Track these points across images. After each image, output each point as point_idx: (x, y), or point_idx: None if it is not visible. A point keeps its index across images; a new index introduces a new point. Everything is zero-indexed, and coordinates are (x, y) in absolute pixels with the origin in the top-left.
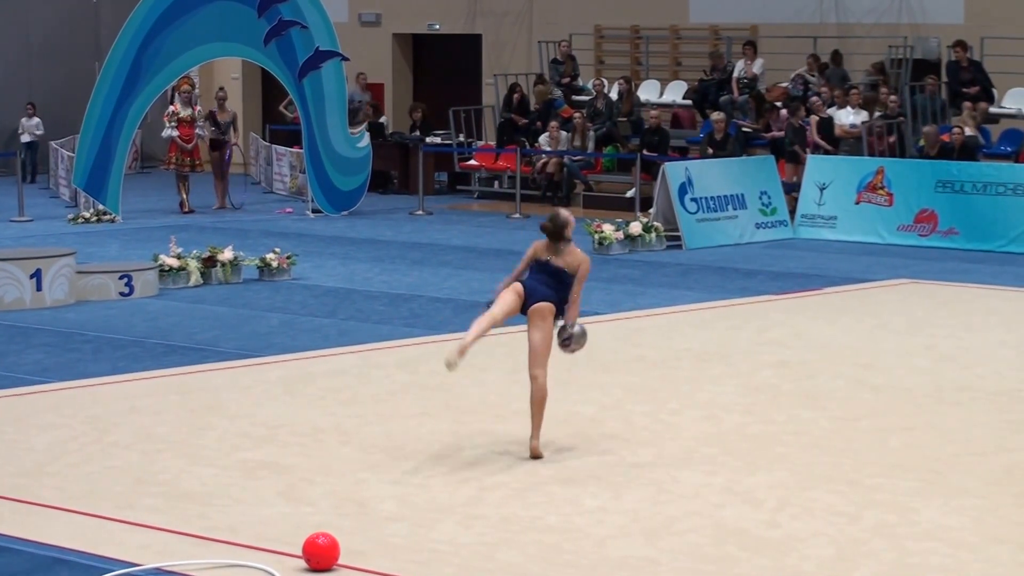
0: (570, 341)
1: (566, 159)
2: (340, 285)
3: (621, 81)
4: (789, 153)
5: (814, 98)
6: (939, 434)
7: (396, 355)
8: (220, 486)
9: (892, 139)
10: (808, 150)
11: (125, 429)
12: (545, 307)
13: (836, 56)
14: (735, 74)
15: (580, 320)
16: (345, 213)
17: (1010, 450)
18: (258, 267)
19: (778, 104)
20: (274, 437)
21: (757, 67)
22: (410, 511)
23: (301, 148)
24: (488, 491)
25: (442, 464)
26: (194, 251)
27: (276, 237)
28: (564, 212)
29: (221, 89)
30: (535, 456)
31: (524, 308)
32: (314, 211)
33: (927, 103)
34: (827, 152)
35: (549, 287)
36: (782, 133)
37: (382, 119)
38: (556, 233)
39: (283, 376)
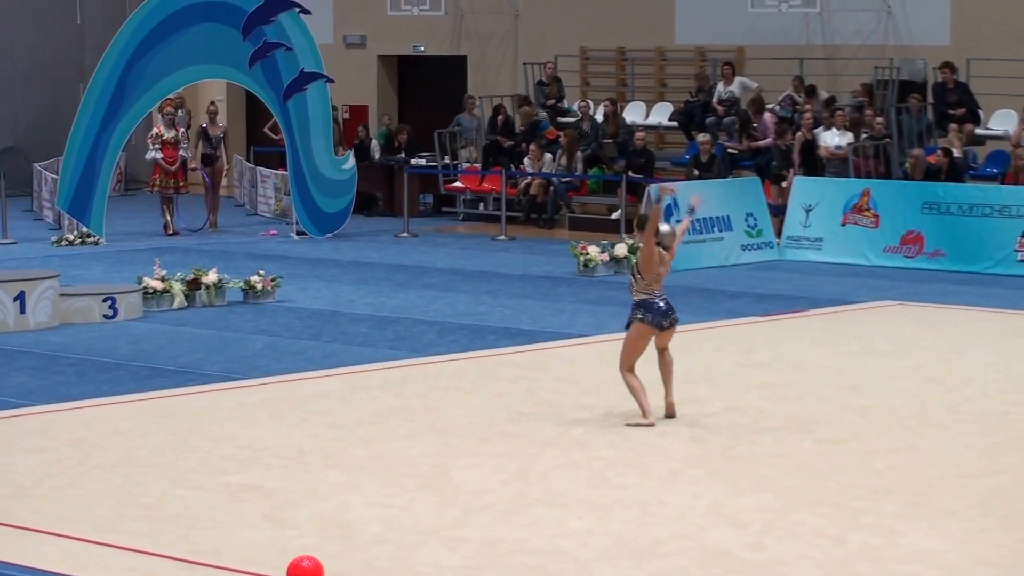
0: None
1: (553, 181)
2: (325, 307)
3: (607, 103)
4: (774, 175)
5: (807, 115)
6: (925, 457)
7: (381, 377)
8: (204, 509)
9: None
10: (793, 170)
11: (109, 452)
12: None
13: (811, 90)
14: (714, 98)
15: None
16: (330, 235)
17: (996, 473)
18: (242, 289)
19: (769, 106)
20: (258, 460)
21: (736, 87)
22: (395, 534)
23: (286, 170)
24: (473, 513)
25: (427, 486)
26: (178, 273)
27: (260, 259)
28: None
29: (212, 103)
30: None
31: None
32: (299, 233)
33: (913, 124)
34: (806, 174)
35: None
36: (768, 141)
37: (373, 143)
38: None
39: (267, 399)
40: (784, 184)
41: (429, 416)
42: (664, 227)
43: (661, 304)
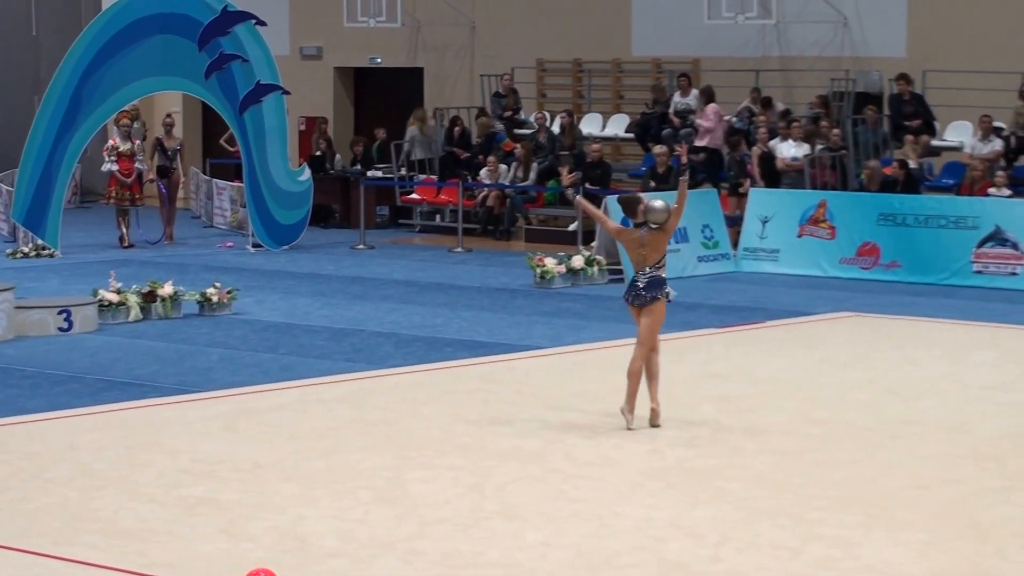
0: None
1: (509, 193)
2: (281, 320)
3: (563, 114)
4: (731, 186)
5: (761, 130)
6: (883, 468)
7: (337, 390)
8: (160, 522)
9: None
10: (749, 182)
11: (63, 465)
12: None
13: (767, 101)
14: (671, 109)
15: None
16: (286, 247)
17: (954, 483)
18: (198, 302)
19: (725, 117)
20: (214, 473)
21: (692, 99)
22: (351, 547)
23: (242, 182)
24: (430, 526)
25: (383, 499)
26: (134, 286)
27: (216, 271)
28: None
29: (168, 115)
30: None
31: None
32: (255, 245)
33: (869, 135)
34: (766, 185)
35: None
36: (710, 125)
37: (337, 157)
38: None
39: (223, 411)
40: (741, 192)
41: (386, 428)
42: (656, 203)
43: (638, 283)
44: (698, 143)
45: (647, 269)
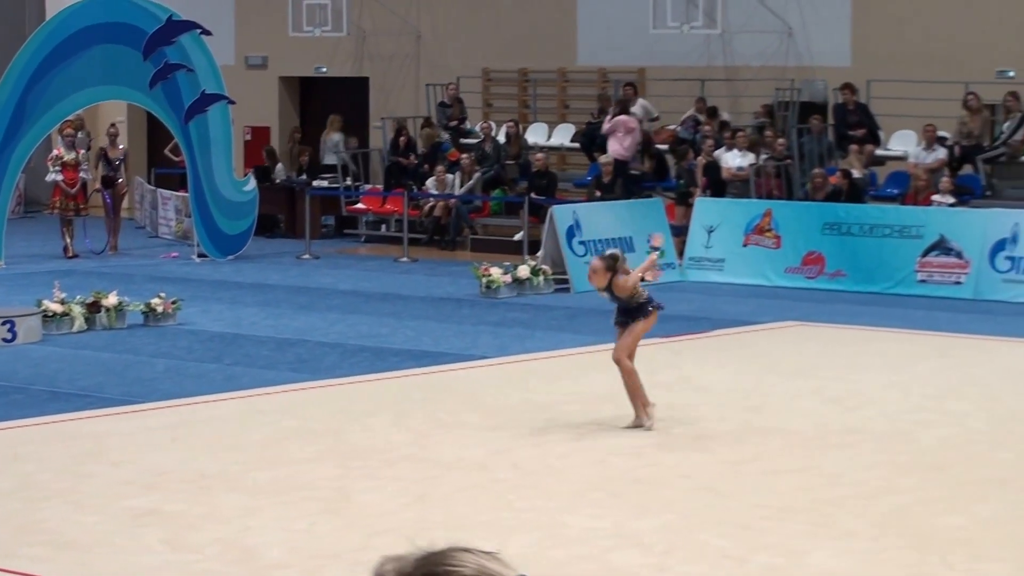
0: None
1: (455, 202)
2: (226, 330)
3: (510, 124)
4: (679, 195)
5: (708, 140)
6: (827, 477)
7: (282, 400)
8: (104, 534)
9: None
10: (697, 191)
11: (7, 477)
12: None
13: (713, 111)
14: None
15: None
16: (231, 257)
17: (898, 492)
18: (143, 312)
19: (670, 127)
20: (159, 484)
21: (638, 108)
22: (297, 558)
23: (187, 192)
24: (376, 537)
25: (329, 510)
26: (78, 296)
27: (161, 282)
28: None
29: (112, 125)
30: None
31: None
32: (200, 255)
33: (814, 145)
34: (713, 195)
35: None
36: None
37: (279, 166)
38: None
39: (168, 422)
40: (690, 202)
41: (331, 439)
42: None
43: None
44: (615, 155)
45: (623, 301)
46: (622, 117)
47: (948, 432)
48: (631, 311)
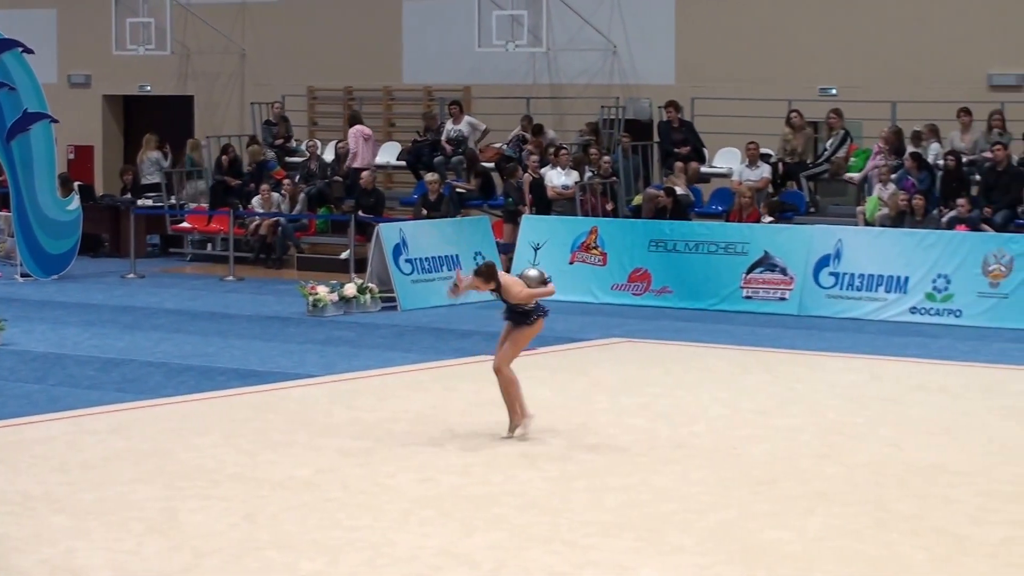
0: None
1: (281, 221)
2: (50, 350)
3: (340, 143)
4: (508, 213)
5: (532, 158)
6: (655, 492)
7: (108, 420)
8: None
9: (609, 206)
10: (525, 208)
11: None
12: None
13: (538, 128)
14: (443, 137)
15: None
16: (55, 277)
17: (724, 507)
18: None
19: (496, 144)
20: None
21: (464, 126)
22: None
23: (9, 211)
24: (203, 557)
25: (155, 530)
26: None
27: None
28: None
29: None
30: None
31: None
32: (23, 275)
33: (639, 163)
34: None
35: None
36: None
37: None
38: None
39: None
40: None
41: (157, 459)
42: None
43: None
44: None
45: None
46: (356, 127)
47: (774, 447)
48: (517, 314)
